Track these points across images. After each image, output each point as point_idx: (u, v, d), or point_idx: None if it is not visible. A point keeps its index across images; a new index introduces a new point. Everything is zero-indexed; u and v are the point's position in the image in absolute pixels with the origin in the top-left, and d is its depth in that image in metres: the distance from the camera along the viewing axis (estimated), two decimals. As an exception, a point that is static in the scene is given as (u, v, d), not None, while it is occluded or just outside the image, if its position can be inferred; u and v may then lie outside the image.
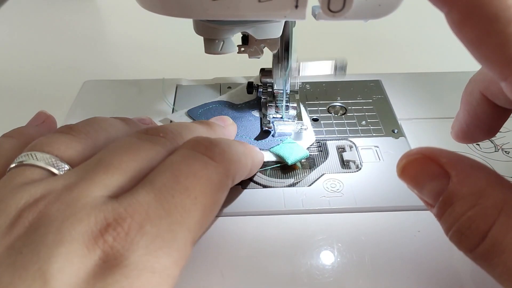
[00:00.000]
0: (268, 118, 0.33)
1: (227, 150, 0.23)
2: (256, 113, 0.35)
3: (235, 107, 0.36)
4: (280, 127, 0.32)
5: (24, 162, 0.21)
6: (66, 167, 0.22)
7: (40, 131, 0.27)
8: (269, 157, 0.31)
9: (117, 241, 0.18)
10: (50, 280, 0.16)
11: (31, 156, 0.22)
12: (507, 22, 0.15)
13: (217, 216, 0.27)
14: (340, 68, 0.32)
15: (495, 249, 0.16)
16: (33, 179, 0.21)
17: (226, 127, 0.30)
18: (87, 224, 0.18)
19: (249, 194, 0.28)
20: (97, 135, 0.24)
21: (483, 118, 0.24)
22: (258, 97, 0.36)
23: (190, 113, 0.35)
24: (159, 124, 0.33)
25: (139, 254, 0.18)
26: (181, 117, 0.35)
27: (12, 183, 0.20)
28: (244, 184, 0.29)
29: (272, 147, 0.32)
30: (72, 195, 0.19)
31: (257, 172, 0.30)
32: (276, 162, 0.31)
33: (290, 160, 0.30)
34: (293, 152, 0.31)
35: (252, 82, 0.35)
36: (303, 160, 0.31)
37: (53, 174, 0.21)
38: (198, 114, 0.35)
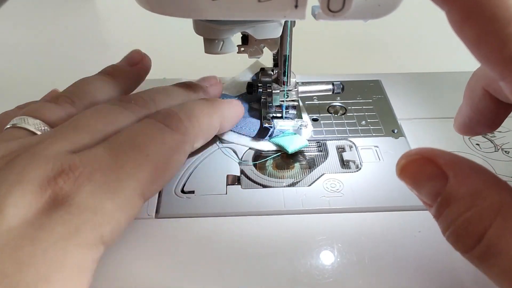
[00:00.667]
0: (268, 117, 0.33)
1: (186, 118, 0.26)
2: (255, 105, 0.35)
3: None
4: (280, 124, 0.32)
5: (17, 125, 0.25)
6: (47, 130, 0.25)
7: None
8: (269, 146, 0.32)
9: (66, 184, 0.20)
10: (4, 211, 0.19)
11: (24, 120, 0.25)
12: (507, 22, 0.15)
13: (216, 216, 0.27)
14: (337, 87, 0.33)
15: (491, 251, 0.16)
16: (19, 137, 0.24)
17: (210, 87, 0.31)
18: (44, 169, 0.21)
19: (249, 194, 0.28)
20: (80, 101, 0.28)
21: (485, 113, 0.24)
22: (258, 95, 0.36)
23: None
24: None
25: (83, 196, 0.20)
26: None
27: (2, 139, 0.24)
28: (243, 184, 0.29)
29: (271, 137, 0.32)
30: (39, 147, 0.22)
31: (255, 166, 0.30)
32: (276, 152, 0.32)
33: (290, 149, 0.31)
34: (293, 142, 0.31)
35: (252, 82, 0.35)
36: (302, 161, 0.31)
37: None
38: None
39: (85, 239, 0.20)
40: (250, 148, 0.32)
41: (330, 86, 0.33)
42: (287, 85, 0.31)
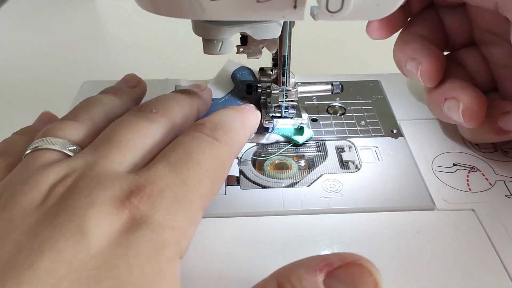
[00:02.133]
0: (267, 117, 0.33)
1: (228, 130, 0.26)
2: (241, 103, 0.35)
3: (219, 104, 0.36)
4: (280, 123, 0.32)
5: (39, 147, 0.24)
6: (76, 149, 0.24)
7: None
8: (277, 137, 0.33)
9: (141, 203, 0.20)
10: (87, 234, 0.19)
11: (46, 141, 0.24)
12: None
13: (215, 217, 0.27)
14: (337, 87, 0.33)
15: None
16: (53, 160, 0.23)
17: (203, 93, 0.32)
18: (113, 190, 0.20)
19: (248, 195, 0.28)
20: (98, 118, 0.27)
21: None
22: (247, 91, 0.36)
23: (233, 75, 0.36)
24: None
25: (161, 214, 0.20)
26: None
27: (33, 164, 0.23)
28: (243, 184, 0.29)
29: (278, 130, 0.33)
30: (95, 170, 0.22)
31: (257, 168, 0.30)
32: (286, 141, 0.33)
33: (300, 140, 0.32)
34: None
35: (251, 83, 0.35)
36: (302, 162, 0.31)
37: (68, 156, 0.24)
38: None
39: (171, 254, 0.20)
40: (256, 144, 0.32)
41: (329, 87, 0.33)
42: (286, 85, 0.31)
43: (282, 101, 0.32)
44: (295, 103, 0.33)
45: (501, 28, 0.28)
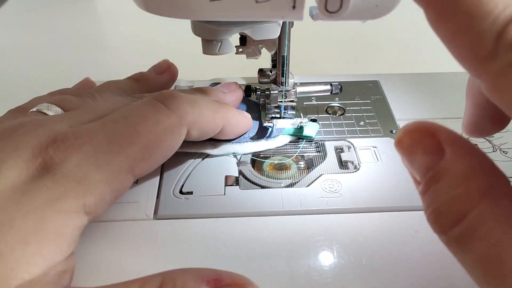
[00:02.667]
0: (267, 117, 0.33)
1: (187, 102, 0.26)
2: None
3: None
4: (279, 123, 0.32)
5: (39, 110, 0.26)
6: None
7: (78, 92, 0.31)
8: (285, 139, 0.33)
9: (56, 153, 0.21)
10: None
11: (46, 106, 0.27)
12: (480, 18, 0.14)
13: (214, 217, 0.27)
14: (335, 88, 0.33)
15: (470, 234, 0.15)
16: None
17: (226, 94, 0.32)
18: (40, 139, 0.22)
19: (247, 195, 0.28)
20: (101, 97, 0.29)
21: (490, 109, 0.23)
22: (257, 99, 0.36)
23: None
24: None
25: (70, 166, 0.21)
26: None
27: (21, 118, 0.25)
28: (242, 185, 0.29)
29: (287, 130, 0.33)
30: (44, 121, 0.23)
31: (257, 168, 0.30)
32: (297, 139, 0.33)
33: (313, 134, 0.33)
34: (309, 128, 0.33)
35: (250, 85, 0.35)
36: (301, 163, 0.31)
37: None
38: None
39: (66, 206, 0.20)
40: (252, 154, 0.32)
41: (328, 87, 0.33)
42: (285, 85, 0.31)
43: (281, 101, 0.32)
44: (294, 103, 0.34)
45: None
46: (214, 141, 0.31)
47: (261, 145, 0.32)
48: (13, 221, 0.19)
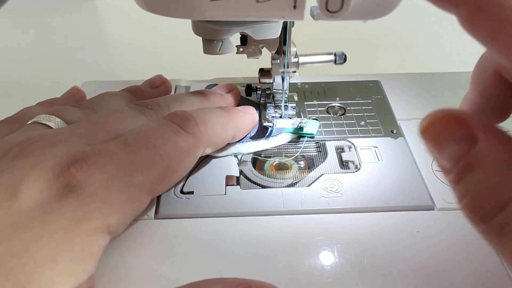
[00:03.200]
0: (267, 116, 0.33)
1: (201, 123, 0.26)
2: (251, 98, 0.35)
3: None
4: (279, 122, 0.32)
5: (39, 121, 0.26)
6: None
7: (68, 102, 0.31)
8: (286, 137, 0.33)
9: (79, 173, 0.21)
10: (18, 193, 0.20)
11: (46, 117, 0.26)
12: None
13: (215, 217, 0.27)
14: (340, 56, 0.32)
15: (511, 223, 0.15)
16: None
17: (225, 96, 0.32)
18: (59, 157, 0.21)
19: (248, 195, 0.28)
20: (101, 109, 0.28)
21: (497, 99, 0.23)
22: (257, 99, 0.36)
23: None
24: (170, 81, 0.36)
25: (94, 186, 0.21)
26: None
27: (21, 132, 0.25)
28: (242, 184, 0.29)
29: (287, 129, 0.33)
30: (57, 137, 0.23)
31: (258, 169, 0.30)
32: (298, 137, 0.33)
33: (314, 132, 0.33)
34: (310, 126, 0.33)
35: (251, 84, 0.35)
36: (301, 162, 0.31)
37: None
38: None
39: (93, 226, 0.20)
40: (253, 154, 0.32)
41: (332, 57, 0.32)
42: (287, 54, 0.31)
43: (283, 72, 0.32)
44: (294, 103, 0.34)
45: None
46: None
47: (263, 144, 0.32)
48: (41, 240, 0.19)
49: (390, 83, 0.39)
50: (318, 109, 0.36)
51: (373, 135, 0.33)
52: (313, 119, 0.35)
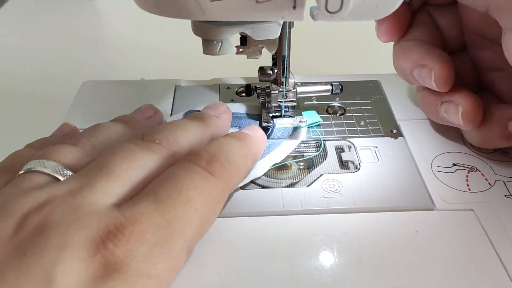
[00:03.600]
0: (267, 116, 0.33)
1: (226, 162, 0.24)
2: (254, 113, 0.35)
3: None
4: (279, 122, 0.32)
5: (32, 169, 0.23)
6: (69, 173, 0.23)
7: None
8: (292, 144, 0.32)
9: (117, 247, 0.19)
10: (53, 282, 0.17)
11: (40, 163, 0.23)
12: None
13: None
14: (336, 87, 0.33)
15: None
16: (39, 184, 0.22)
17: (220, 118, 0.30)
18: (89, 230, 0.19)
19: (248, 195, 0.28)
20: (101, 146, 0.26)
21: None
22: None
23: (186, 114, 0.35)
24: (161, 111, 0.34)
25: (137, 261, 0.19)
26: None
27: (19, 187, 0.22)
28: (242, 185, 0.29)
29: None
30: (76, 201, 0.20)
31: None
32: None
33: (320, 119, 0.34)
34: (311, 117, 0.34)
35: (250, 84, 0.35)
36: (301, 163, 0.31)
37: (57, 179, 0.23)
38: None
39: None
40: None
41: (329, 87, 0.33)
42: (285, 85, 0.31)
43: (281, 102, 0.32)
44: (294, 103, 0.34)
45: (493, 31, 0.28)
46: None
47: (273, 158, 0.31)
48: None
49: (390, 83, 0.39)
50: (318, 109, 0.36)
51: (373, 135, 0.33)
52: (308, 110, 0.35)
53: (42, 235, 0.19)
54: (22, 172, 0.23)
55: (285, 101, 0.32)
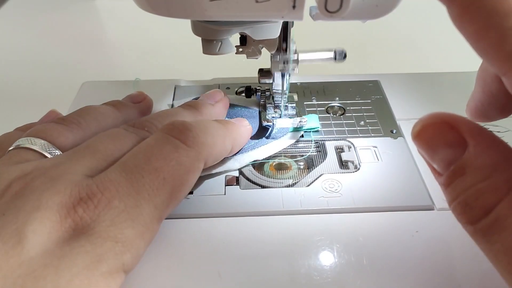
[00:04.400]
0: (267, 116, 0.33)
1: (201, 134, 0.25)
2: (254, 108, 0.35)
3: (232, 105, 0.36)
4: (279, 122, 0.32)
5: (21, 145, 0.24)
6: (57, 152, 0.25)
7: None
8: (290, 141, 0.32)
9: (86, 212, 0.20)
10: (24, 239, 0.19)
11: (28, 140, 0.25)
12: (505, 15, 0.14)
13: (215, 217, 0.27)
14: (340, 53, 0.32)
15: (497, 225, 0.16)
16: (27, 159, 0.24)
17: (215, 106, 0.31)
18: (63, 196, 0.20)
19: (247, 195, 0.28)
20: (87, 124, 0.27)
21: (498, 96, 0.23)
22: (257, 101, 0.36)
23: None
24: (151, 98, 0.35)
25: (104, 225, 0.20)
26: None
27: (8, 161, 0.23)
28: (242, 185, 0.29)
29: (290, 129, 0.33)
30: (56, 171, 0.22)
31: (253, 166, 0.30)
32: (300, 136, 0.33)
33: (319, 125, 0.33)
34: (311, 121, 0.33)
35: (250, 86, 0.35)
36: (301, 162, 0.31)
37: (45, 157, 0.24)
38: None
39: (108, 268, 0.19)
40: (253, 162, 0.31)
41: (332, 54, 0.32)
42: (288, 52, 0.31)
43: (283, 70, 0.31)
44: (294, 103, 0.34)
45: None
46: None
47: (263, 152, 0.31)
48: None
49: (389, 83, 0.39)
50: (318, 109, 0.36)
51: (372, 135, 0.33)
52: (310, 114, 0.35)
53: (20, 198, 0.20)
54: (11, 148, 0.25)
55: (287, 69, 0.31)
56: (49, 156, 0.24)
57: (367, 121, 0.35)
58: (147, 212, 0.21)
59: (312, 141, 0.33)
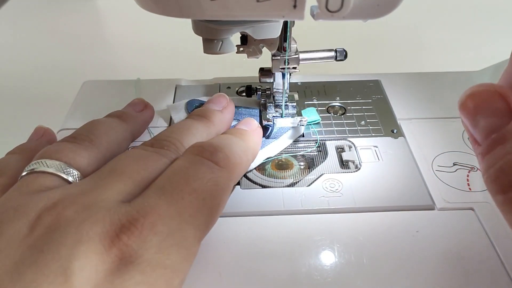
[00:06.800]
0: (267, 116, 0.33)
1: (230, 154, 0.25)
2: (255, 109, 0.35)
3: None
4: (279, 122, 0.32)
5: (35, 170, 0.23)
6: (75, 172, 0.23)
7: (41, 144, 0.28)
8: (287, 140, 0.33)
9: (131, 240, 0.19)
10: (71, 277, 0.18)
11: (42, 163, 0.23)
12: None
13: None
14: (340, 53, 0.32)
15: None
16: (47, 185, 0.22)
17: (224, 112, 0.31)
18: (103, 225, 0.19)
19: (248, 195, 0.28)
20: (99, 140, 0.26)
21: None
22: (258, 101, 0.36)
23: (188, 104, 0.35)
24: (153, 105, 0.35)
25: (152, 252, 0.19)
26: (179, 111, 0.34)
27: (27, 189, 0.22)
28: (243, 184, 0.29)
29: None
30: (88, 199, 0.21)
31: (254, 169, 0.30)
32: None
33: (319, 118, 0.34)
34: (311, 115, 0.34)
35: (251, 85, 0.35)
36: (302, 162, 0.31)
37: (64, 179, 0.23)
38: (195, 107, 0.35)
39: None
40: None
41: (332, 53, 0.32)
42: (288, 51, 0.31)
43: (283, 68, 0.31)
44: (294, 103, 0.34)
45: None
46: None
47: (267, 152, 0.31)
48: None
49: (390, 83, 0.39)
50: (319, 108, 0.36)
51: (373, 134, 0.33)
52: (308, 108, 0.35)
53: (56, 231, 0.19)
54: (24, 173, 0.23)
55: (287, 68, 0.31)
56: (66, 177, 0.23)
57: (367, 120, 0.35)
58: (190, 235, 0.21)
59: (317, 141, 0.33)
